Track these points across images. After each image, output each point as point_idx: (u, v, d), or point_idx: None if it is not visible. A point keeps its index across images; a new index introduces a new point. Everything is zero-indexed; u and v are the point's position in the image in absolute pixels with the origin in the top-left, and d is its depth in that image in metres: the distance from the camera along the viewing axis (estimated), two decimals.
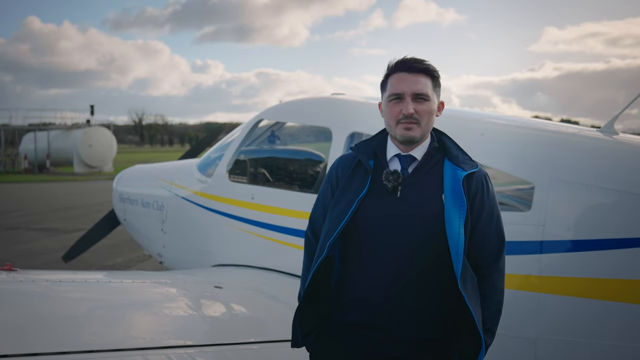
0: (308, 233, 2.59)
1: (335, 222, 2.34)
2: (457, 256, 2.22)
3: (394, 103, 2.36)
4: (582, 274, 3.15)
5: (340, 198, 2.40)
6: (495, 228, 2.39)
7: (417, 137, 2.35)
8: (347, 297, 2.38)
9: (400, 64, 2.39)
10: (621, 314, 3.03)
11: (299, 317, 2.44)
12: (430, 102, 2.36)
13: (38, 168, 40.09)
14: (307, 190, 4.64)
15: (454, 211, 2.26)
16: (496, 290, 2.38)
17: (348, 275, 2.39)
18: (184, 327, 3.30)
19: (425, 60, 2.39)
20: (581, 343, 3.13)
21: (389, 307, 2.29)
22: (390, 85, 2.39)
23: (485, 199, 2.36)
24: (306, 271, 2.53)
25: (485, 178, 2.40)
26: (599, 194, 3.22)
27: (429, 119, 2.36)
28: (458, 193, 2.28)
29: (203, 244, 5.53)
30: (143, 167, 7.52)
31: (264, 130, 5.41)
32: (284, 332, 3.54)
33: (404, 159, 2.39)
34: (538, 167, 3.40)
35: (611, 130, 3.65)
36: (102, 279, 4.07)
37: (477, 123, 4.08)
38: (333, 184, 2.49)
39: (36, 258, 11.02)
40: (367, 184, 2.35)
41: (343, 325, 2.39)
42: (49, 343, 2.75)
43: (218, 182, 5.35)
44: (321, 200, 2.54)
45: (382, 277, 2.30)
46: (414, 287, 2.29)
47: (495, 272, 2.38)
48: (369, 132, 4.62)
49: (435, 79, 2.39)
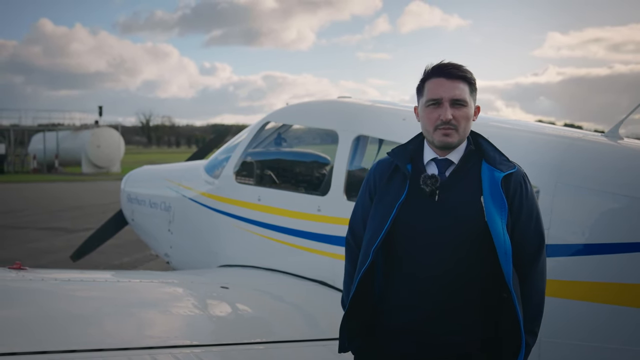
0: (349, 239, 2.59)
1: (377, 228, 2.35)
2: (506, 256, 2.23)
3: (432, 108, 2.36)
4: (587, 278, 3.16)
5: (379, 203, 2.40)
6: (535, 228, 2.38)
7: (455, 142, 2.36)
8: (392, 303, 2.38)
9: (438, 70, 2.37)
10: (626, 318, 3.03)
11: (346, 322, 2.44)
12: (468, 108, 2.36)
13: (47, 168, 40.29)
14: (313, 192, 4.67)
15: (495, 213, 2.26)
16: (537, 292, 2.38)
17: (391, 280, 2.39)
18: (191, 326, 3.33)
19: (463, 66, 2.39)
20: (586, 347, 3.13)
21: (434, 312, 2.29)
22: (428, 90, 2.38)
23: (524, 199, 2.35)
24: (349, 277, 2.54)
25: (524, 178, 2.39)
26: (604, 199, 3.22)
27: (466, 124, 2.37)
28: (497, 194, 2.28)
29: (210, 244, 5.56)
30: (151, 168, 7.56)
31: (270, 132, 5.43)
32: (290, 333, 3.57)
33: (441, 163, 2.38)
34: (543, 171, 3.41)
35: (616, 134, 3.65)
36: (110, 278, 4.10)
37: (481, 127, 4.07)
38: (371, 190, 2.49)
39: (44, 257, 11.09)
40: (405, 188, 2.35)
41: (389, 330, 2.38)
42: (58, 341, 2.78)
43: (225, 183, 5.38)
44: (360, 206, 2.55)
45: (425, 282, 2.30)
46: (457, 290, 2.29)
47: (535, 273, 2.37)
48: (375, 135, 4.65)
49: (472, 85, 2.39)
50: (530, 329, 2.34)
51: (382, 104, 4.84)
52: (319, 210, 4.40)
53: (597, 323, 3.12)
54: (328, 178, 4.53)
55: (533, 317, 2.35)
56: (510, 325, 2.27)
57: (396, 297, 2.37)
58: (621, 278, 3.07)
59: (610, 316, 3.09)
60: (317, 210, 4.40)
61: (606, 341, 3.10)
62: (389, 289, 2.40)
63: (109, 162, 40.20)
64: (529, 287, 2.35)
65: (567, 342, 3.17)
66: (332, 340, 3.00)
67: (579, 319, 3.18)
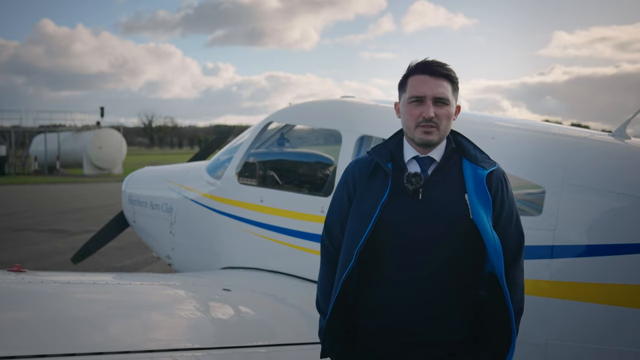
0: (325, 240, 2.54)
1: (360, 229, 2.32)
2: (496, 252, 2.24)
3: (414, 105, 2.35)
4: (594, 279, 3.14)
5: (360, 203, 2.38)
6: (515, 225, 2.39)
7: (436, 140, 2.36)
8: (374, 303, 2.35)
9: (422, 66, 2.37)
10: (632, 320, 3.01)
11: (328, 327, 2.40)
12: (450, 107, 2.37)
13: (48, 169, 40.34)
14: (316, 193, 4.64)
15: (481, 210, 2.27)
16: (518, 288, 2.38)
17: (372, 280, 2.36)
18: (193, 329, 3.31)
19: (447, 64, 2.40)
20: (592, 349, 3.11)
21: (418, 311, 2.28)
22: (411, 86, 2.37)
23: (505, 196, 2.37)
24: (325, 278, 2.49)
25: (504, 176, 2.42)
26: (610, 199, 3.20)
27: (447, 123, 2.37)
28: (482, 192, 2.29)
29: (212, 246, 5.54)
30: (152, 169, 7.54)
31: (273, 132, 5.42)
32: (292, 335, 3.54)
33: (423, 161, 2.38)
34: (549, 171, 3.38)
35: (623, 134, 3.62)
36: (111, 280, 4.09)
37: (488, 126, 4.06)
38: (350, 189, 2.46)
39: (45, 259, 11.08)
40: (387, 187, 2.33)
41: (371, 330, 2.36)
42: (57, 344, 2.76)
43: (227, 184, 5.36)
44: (337, 206, 2.51)
45: (409, 283, 2.28)
46: (442, 290, 2.28)
47: (516, 270, 2.37)
48: (379, 135, 4.62)
49: (455, 84, 2.40)
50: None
51: (386, 104, 4.81)
52: (322, 212, 4.36)
53: (604, 325, 3.10)
54: (331, 179, 4.51)
55: (514, 314, 2.33)
56: (501, 321, 2.28)
57: (377, 297, 2.35)
58: (628, 279, 3.04)
59: (617, 318, 3.07)
60: (321, 211, 4.37)
61: (613, 343, 3.08)
62: (369, 288, 2.37)
63: (110, 163, 40.26)
64: (510, 283, 2.33)
65: (574, 344, 3.15)
66: None
67: (585, 321, 3.15)
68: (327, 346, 2.43)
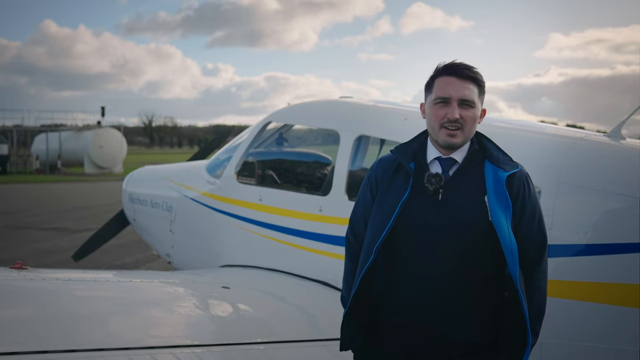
0: (349, 236, 2.58)
1: (380, 226, 2.35)
2: (512, 256, 2.24)
3: (440, 106, 2.36)
4: (589, 278, 3.16)
5: (382, 201, 2.40)
6: (538, 228, 2.38)
7: (459, 143, 2.36)
8: (394, 301, 2.38)
9: (449, 68, 2.38)
10: (629, 319, 3.03)
11: (347, 320, 2.44)
12: (475, 109, 2.37)
13: (49, 168, 40.35)
14: (315, 192, 4.66)
15: (500, 212, 2.27)
16: (539, 292, 2.38)
17: (393, 278, 2.39)
18: (192, 326, 3.33)
19: (474, 67, 2.40)
20: (588, 348, 3.13)
21: (436, 310, 2.30)
22: (437, 87, 2.38)
23: (527, 199, 2.36)
24: (349, 274, 2.54)
25: (527, 178, 2.40)
26: (606, 199, 3.22)
27: (472, 125, 2.37)
28: (502, 194, 2.29)
29: (211, 244, 5.56)
30: (152, 168, 7.56)
31: (272, 132, 5.44)
32: (291, 333, 3.57)
33: (444, 162, 2.39)
34: (545, 171, 3.40)
35: (618, 135, 3.65)
36: (112, 278, 4.11)
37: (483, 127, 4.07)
38: (373, 187, 2.49)
39: (47, 257, 11.11)
40: (408, 186, 2.35)
41: (391, 327, 2.39)
42: (58, 341, 2.78)
43: (226, 183, 5.38)
44: (361, 203, 2.54)
45: (427, 281, 2.30)
46: (459, 290, 2.30)
47: (537, 273, 2.37)
48: (376, 135, 4.65)
49: (481, 87, 2.40)
50: (532, 328, 2.33)
51: (384, 104, 4.84)
52: (320, 211, 4.40)
53: (600, 324, 3.12)
54: (329, 178, 4.53)
55: (535, 317, 2.35)
56: (516, 324, 2.28)
57: (398, 295, 2.37)
58: (624, 279, 3.06)
59: (613, 317, 3.09)
60: (319, 210, 4.40)
61: (609, 342, 3.09)
62: (391, 287, 2.40)
63: (111, 162, 40.25)
64: (531, 286, 2.35)
65: (570, 342, 3.17)
66: (333, 341, 3.00)
67: (582, 320, 3.17)
68: (346, 339, 2.46)
